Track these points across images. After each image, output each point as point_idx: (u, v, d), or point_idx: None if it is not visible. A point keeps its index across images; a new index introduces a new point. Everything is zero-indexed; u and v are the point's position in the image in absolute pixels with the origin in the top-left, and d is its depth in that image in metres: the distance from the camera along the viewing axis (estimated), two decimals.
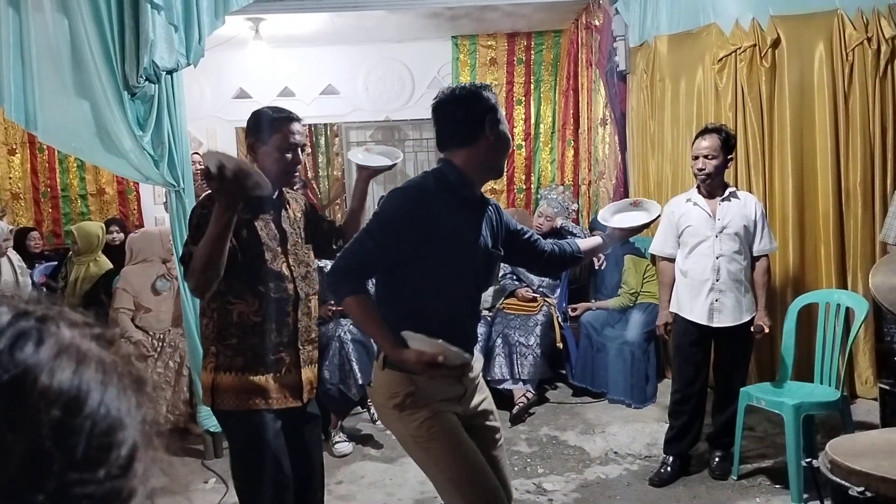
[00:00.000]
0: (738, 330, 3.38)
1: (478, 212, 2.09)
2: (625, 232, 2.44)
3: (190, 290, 2.19)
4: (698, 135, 3.41)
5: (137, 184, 6.65)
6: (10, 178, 6.76)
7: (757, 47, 4.36)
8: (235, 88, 6.92)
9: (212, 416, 2.90)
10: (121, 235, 5.53)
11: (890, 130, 4.27)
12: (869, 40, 4.20)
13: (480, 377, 2.20)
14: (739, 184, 4.30)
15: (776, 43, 4.35)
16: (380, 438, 4.04)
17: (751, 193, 3.74)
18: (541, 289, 4.93)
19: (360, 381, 3.89)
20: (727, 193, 3.40)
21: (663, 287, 3.61)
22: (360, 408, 4.31)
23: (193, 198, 3.71)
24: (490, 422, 2.16)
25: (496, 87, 6.43)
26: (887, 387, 3.48)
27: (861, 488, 1.89)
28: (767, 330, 3.38)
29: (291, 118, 2.29)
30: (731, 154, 3.41)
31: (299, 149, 2.29)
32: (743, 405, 3.40)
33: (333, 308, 4.05)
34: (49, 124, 3.38)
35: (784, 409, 3.21)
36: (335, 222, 2.58)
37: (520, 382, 4.49)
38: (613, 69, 5.38)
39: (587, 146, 6.34)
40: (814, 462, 2.16)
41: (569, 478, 3.55)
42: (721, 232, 3.36)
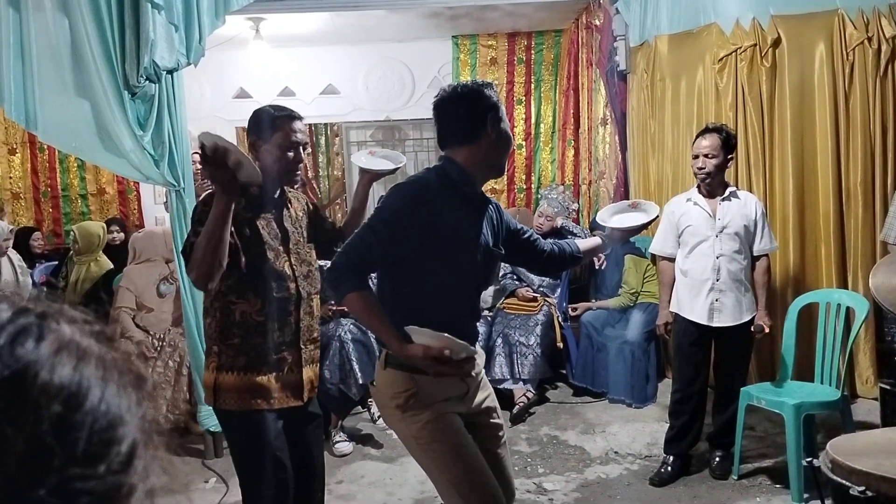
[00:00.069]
0: (739, 329, 3.38)
1: (479, 210, 2.08)
2: (623, 232, 2.45)
3: (192, 283, 2.18)
4: (699, 134, 3.41)
5: (138, 183, 6.64)
6: (11, 178, 6.76)
7: (757, 47, 4.36)
8: (236, 88, 6.92)
9: (212, 416, 2.90)
10: (121, 235, 5.55)
11: (890, 130, 4.27)
12: (869, 40, 4.20)
13: (483, 374, 2.19)
14: (740, 183, 4.29)
15: (777, 42, 4.35)
16: (380, 438, 4.04)
17: (751, 193, 3.74)
18: (541, 288, 4.93)
19: (361, 381, 3.89)
20: (727, 193, 3.40)
21: (663, 287, 3.61)
22: (361, 407, 4.31)
23: (194, 197, 3.70)
24: (493, 419, 2.15)
25: (496, 87, 6.42)
26: (888, 386, 3.48)
27: (862, 487, 1.89)
28: (768, 330, 3.38)
29: (293, 116, 2.29)
30: (732, 154, 3.41)
31: (301, 147, 2.29)
32: (743, 405, 3.40)
33: (334, 308, 4.06)
34: (49, 124, 3.38)
35: (784, 409, 3.21)
36: (336, 224, 2.58)
37: (520, 382, 4.49)
38: (614, 69, 5.38)
39: (587, 146, 6.34)
40: (814, 461, 2.16)
41: (569, 477, 3.55)
42: (721, 231, 3.35)
